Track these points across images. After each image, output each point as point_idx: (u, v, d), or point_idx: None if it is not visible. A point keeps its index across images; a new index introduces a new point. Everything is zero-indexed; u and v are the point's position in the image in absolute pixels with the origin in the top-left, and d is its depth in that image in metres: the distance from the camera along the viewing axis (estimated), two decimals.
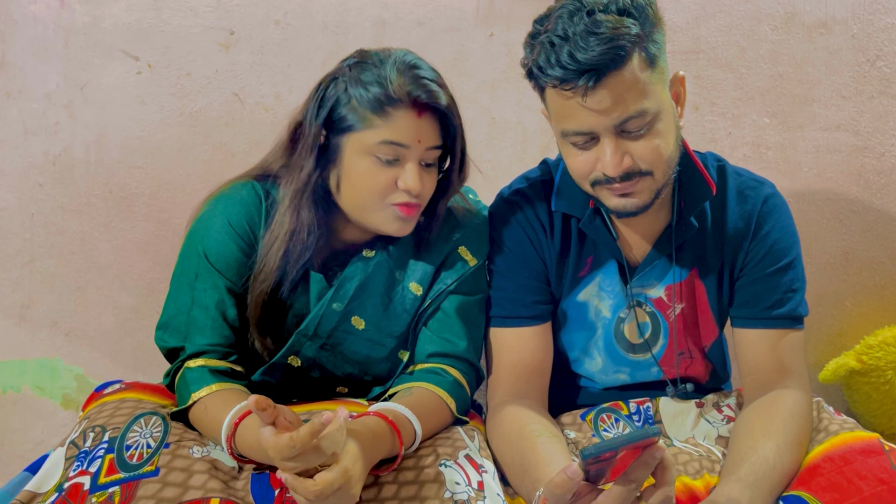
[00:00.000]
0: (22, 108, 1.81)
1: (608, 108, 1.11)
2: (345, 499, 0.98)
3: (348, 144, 1.20)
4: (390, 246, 1.32)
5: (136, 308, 1.87)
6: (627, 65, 1.09)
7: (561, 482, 0.93)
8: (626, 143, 1.15)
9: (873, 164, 1.86)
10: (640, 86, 1.11)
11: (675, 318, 1.36)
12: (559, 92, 1.13)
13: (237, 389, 1.19)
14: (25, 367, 1.89)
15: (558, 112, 1.17)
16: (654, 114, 1.14)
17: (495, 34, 1.82)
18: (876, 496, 1.06)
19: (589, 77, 1.08)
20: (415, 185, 1.19)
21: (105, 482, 1.04)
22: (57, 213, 1.84)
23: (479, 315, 1.35)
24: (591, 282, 1.37)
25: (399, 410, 1.14)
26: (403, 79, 1.18)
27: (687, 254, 1.34)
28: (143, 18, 1.80)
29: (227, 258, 1.25)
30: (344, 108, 1.19)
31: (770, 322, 1.31)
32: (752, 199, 1.33)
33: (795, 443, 1.18)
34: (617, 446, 0.89)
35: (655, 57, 1.13)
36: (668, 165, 1.20)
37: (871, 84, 1.83)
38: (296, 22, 1.82)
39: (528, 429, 1.21)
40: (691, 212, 1.30)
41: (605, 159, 1.15)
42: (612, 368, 1.40)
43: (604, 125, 1.13)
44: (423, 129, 1.20)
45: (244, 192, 1.29)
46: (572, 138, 1.17)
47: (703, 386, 1.43)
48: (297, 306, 1.29)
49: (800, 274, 1.34)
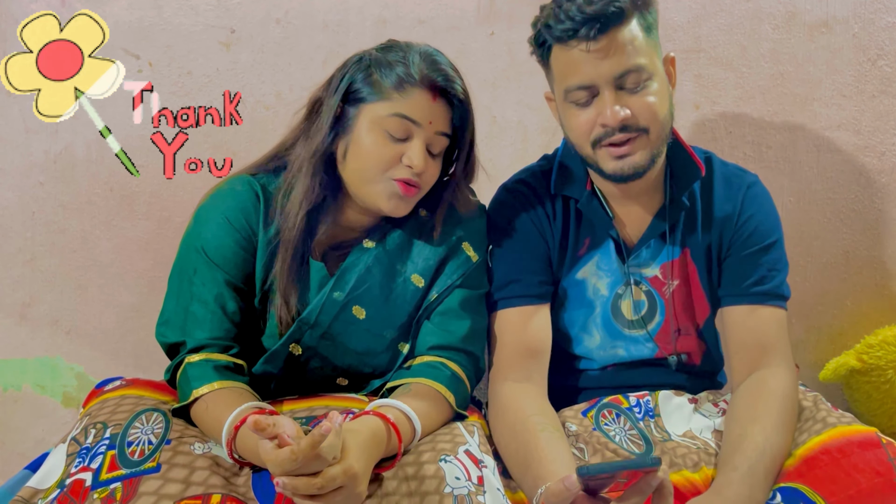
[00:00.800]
0: (23, 107, 1.81)
1: (609, 57, 1.22)
2: (351, 498, 0.99)
3: (361, 114, 1.24)
4: (391, 236, 1.33)
5: (137, 307, 1.87)
6: (627, 23, 1.22)
7: (558, 491, 0.97)
8: (624, 96, 1.25)
9: (874, 163, 1.86)
10: (637, 43, 1.24)
11: (670, 295, 1.41)
12: (564, 47, 1.25)
13: (239, 388, 1.19)
14: (26, 366, 1.89)
15: (562, 70, 1.28)
16: (649, 73, 1.25)
17: (496, 33, 1.82)
18: (873, 488, 1.08)
19: (592, 25, 1.20)
20: (419, 161, 1.23)
21: (106, 478, 1.04)
22: (58, 211, 1.84)
23: (481, 309, 1.36)
24: (589, 261, 1.42)
25: (399, 408, 1.15)
26: (424, 63, 1.23)
27: (679, 233, 1.40)
28: (143, 17, 1.80)
29: (225, 252, 1.26)
30: (362, 82, 1.24)
31: (753, 297, 1.37)
32: (737, 185, 1.41)
33: (781, 423, 1.22)
34: (614, 470, 0.92)
35: (651, 27, 1.27)
36: (663, 128, 1.29)
37: (872, 83, 1.83)
38: (297, 21, 1.82)
39: (531, 421, 1.23)
40: (682, 191, 1.38)
41: (606, 111, 1.24)
42: (609, 344, 1.44)
43: (604, 77, 1.24)
44: (435, 112, 1.24)
45: (241, 188, 1.30)
46: (574, 94, 1.27)
47: (698, 367, 1.46)
48: (299, 294, 1.29)
49: (782, 258, 1.41)
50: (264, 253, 1.27)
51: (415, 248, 1.34)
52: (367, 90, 1.24)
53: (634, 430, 1.31)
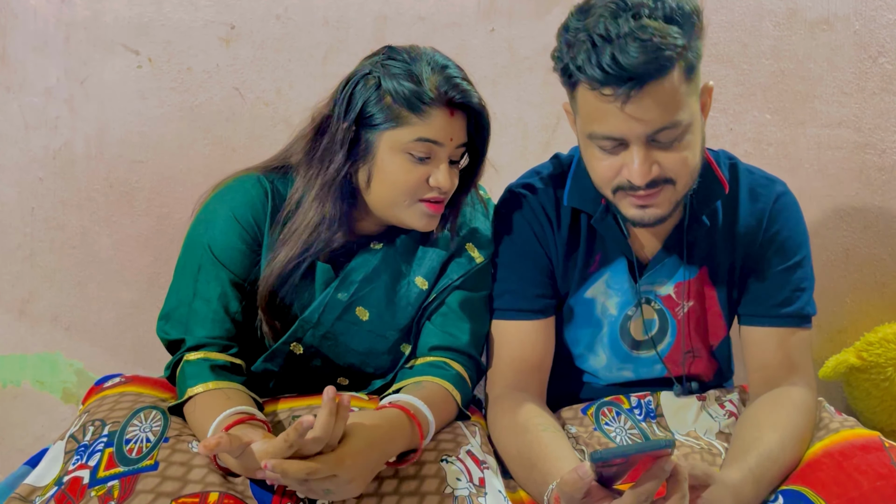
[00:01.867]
0: (22, 103, 1.81)
1: (644, 118, 1.08)
2: (341, 487, 0.98)
3: (382, 141, 1.21)
4: (398, 239, 1.32)
5: (137, 303, 1.87)
6: (669, 76, 1.07)
7: (571, 481, 0.94)
8: (655, 152, 1.13)
9: (875, 160, 1.86)
10: (677, 97, 1.09)
11: (683, 316, 1.36)
12: (596, 94, 1.10)
13: (232, 389, 1.18)
14: (26, 362, 1.89)
15: (589, 113, 1.14)
16: (686, 125, 1.12)
17: (496, 29, 1.82)
18: (875, 491, 1.06)
19: (633, 85, 1.05)
20: (446, 183, 1.22)
21: (104, 476, 1.04)
22: (57, 207, 1.84)
23: (483, 311, 1.35)
24: (599, 279, 1.36)
25: (415, 403, 1.15)
26: (437, 77, 1.19)
27: (697, 252, 1.33)
28: (143, 13, 1.80)
29: (232, 251, 1.25)
30: (375, 106, 1.20)
31: (778, 320, 1.31)
32: (764, 198, 1.32)
33: (798, 438, 1.19)
34: (628, 454, 0.90)
35: (694, 67, 1.11)
36: (692, 177, 1.18)
37: (872, 81, 1.83)
38: (296, 17, 1.81)
39: (532, 422, 1.21)
40: (703, 211, 1.29)
41: (634, 167, 1.13)
42: (616, 366, 1.40)
43: (637, 134, 1.10)
44: (454, 127, 1.22)
45: (249, 185, 1.29)
46: (600, 142, 1.15)
47: (707, 384, 1.43)
48: (303, 295, 1.29)
49: (809, 273, 1.34)
50: (269, 252, 1.27)
51: (421, 250, 1.33)
52: (382, 115, 1.20)
53: (636, 430, 1.30)
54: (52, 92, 1.81)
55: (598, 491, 0.96)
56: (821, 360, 1.86)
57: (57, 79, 1.80)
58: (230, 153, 1.82)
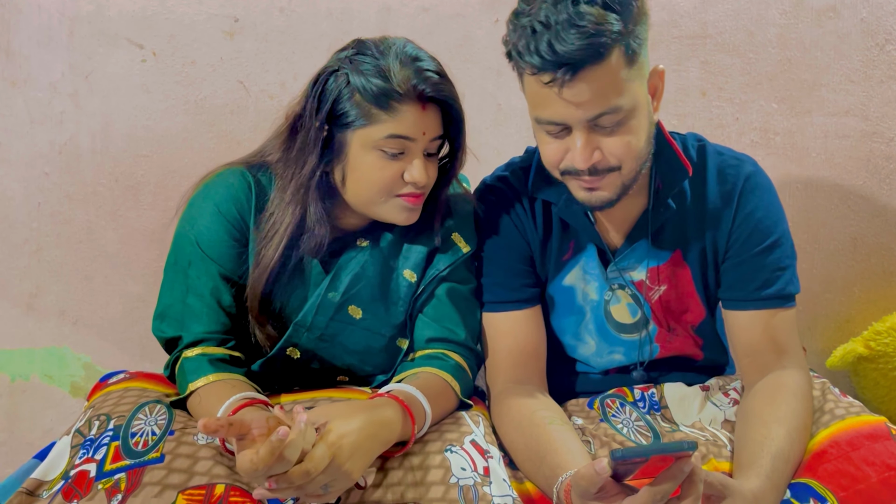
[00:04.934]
0: (27, 98, 1.81)
1: (582, 103, 1.10)
2: (338, 474, 0.97)
3: (354, 139, 1.20)
4: (384, 234, 1.32)
5: (143, 296, 1.88)
6: (606, 61, 1.08)
7: (588, 475, 0.95)
8: (597, 137, 1.15)
9: (882, 149, 1.84)
10: (616, 82, 1.10)
11: (656, 300, 1.37)
12: (537, 80, 1.12)
13: (233, 380, 1.19)
14: (34, 356, 1.90)
15: (533, 99, 1.17)
16: (627, 111, 1.13)
17: (500, 20, 1.81)
18: (884, 482, 1.06)
19: (566, 70, 1.07)
20: (421, 177, 1.21)
21: (111, 469, 1.04)
22: (63, 202, 1.85)
23: (473, 303, 1.36)
24: (575, 265, 1.38)
25: (411, 392, 1.15)
26: (407, 71, 1.17)
27: (668, 236, 1.34)
28: (147, 6, 1.80)
29: (219, 245, 1.25)
30: (346, 103, 1.19)
31: (760, 303, 1.31)
32: (733, 178, 1.32)
33: (804, 428, 1.19)
34: (648, 454, 0.90)
35: (636, 53, 1.12)
36: (637, 162, 1.19)
37: (880, 69, 1.82)
38: (300, 9, 1.81)
39: (538, 415, 1.22)
40: (668, 194, 1.30)
41: (575, 152, 1.15)
42: (605, 350, 1.40)
43: (577, 118, 1.13)
44: (427, 121, 1.20)
45: (233, 178, 1.28)
46: (546, 126, 1.18)
47: (699, 363, 1.43)
48: (294, 297, 1.29)
49: (788, 251, 1.33)
50: (255, 247, 1.26)
51: (407, 243, 1.33)
52: (353, 113, 1.18)
53: (642, 422, 1.30)
54: (56, 86, 1.81)
55: (612, 486, 0.97)
56: (828, 349, 1.86)
57: (62, 73, 1.81)
58: (235, 146, 1.82)
